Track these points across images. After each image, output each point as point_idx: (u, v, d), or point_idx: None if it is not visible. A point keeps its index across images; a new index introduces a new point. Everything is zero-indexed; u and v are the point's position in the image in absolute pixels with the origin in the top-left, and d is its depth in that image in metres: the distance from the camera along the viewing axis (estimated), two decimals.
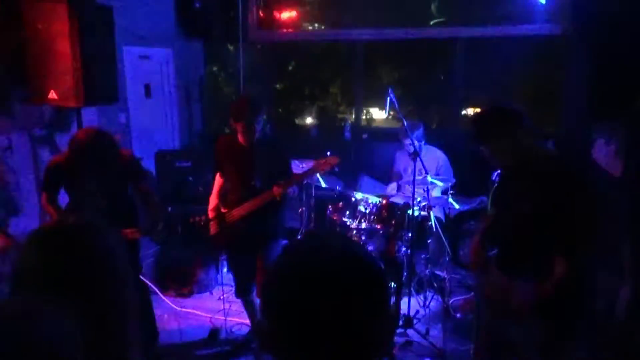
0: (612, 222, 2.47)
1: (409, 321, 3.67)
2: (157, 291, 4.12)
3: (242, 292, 3.39)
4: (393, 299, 3.22)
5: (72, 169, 2.76)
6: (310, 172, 3.27)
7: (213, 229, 3.29)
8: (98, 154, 2.67)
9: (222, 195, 3.31)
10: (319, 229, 4.42)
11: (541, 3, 4.99)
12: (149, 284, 4.11)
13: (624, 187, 3.44)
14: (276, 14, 5.80)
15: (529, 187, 2.01)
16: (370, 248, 3.83)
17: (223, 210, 3.23)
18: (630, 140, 3.73)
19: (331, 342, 0.72)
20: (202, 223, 3.16)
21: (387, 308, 0.79)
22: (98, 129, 2.78)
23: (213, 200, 3.29)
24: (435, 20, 5.32)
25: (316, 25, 5.87)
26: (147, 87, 4.99)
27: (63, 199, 3.02)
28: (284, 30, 5.77)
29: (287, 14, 5.82)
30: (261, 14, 5.66)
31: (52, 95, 3.31)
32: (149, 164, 4.60)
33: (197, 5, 5.06)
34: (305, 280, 0.74)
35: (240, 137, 3.05)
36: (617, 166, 3.87)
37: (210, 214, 3.28)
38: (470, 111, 6.23)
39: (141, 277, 3.39)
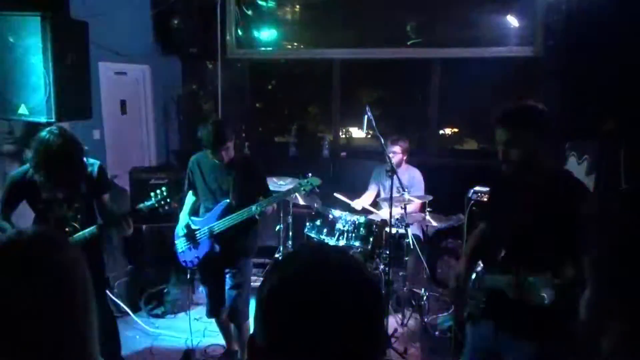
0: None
1: (387, 340, 3.63)
2: (129, 312, 4.00)
3: (214, 312, 3.33)
4: None
5: (39, 172, 2.59)
6: (291, 192, 3.25)
7: (181, 246, 3.23)
8: (66, 151, 2.56)
9: (194, 212, 3.27)
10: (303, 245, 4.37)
11: (514, 26, 5.14)
12: (121, 304, 3.99)
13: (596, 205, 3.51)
14: (255, 33, 5.84)
15: (538, 196, 1.97)
16: None
17: (194, 227, 3.18)
18: (601, 160, 3.82)
19: (328, 357, 0.70)
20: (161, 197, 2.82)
21: (383, 323, 0.79)
22: (61, 127, 2.69)
23: (184, 218, 3.23)
24: (411, 41, 5.41)
25: (295, 44, 5.92)
26: (122, 104, 4.93)
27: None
28: (263, 49, 5.80)
29: (266, 33, 5.87)
30: (240, 33, 5.69)
31: (23, 110, 3.23)
32: (123, 181, 4.51)
33: (175, 22, 5.06)
34: (309, 295, 0.71)
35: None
36: (589, 184, 3.96)
37: (181, 232, 3.22)
38: (447, 131, 6.33)
39: (109, 293, 3.27)
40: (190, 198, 3.28)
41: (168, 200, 2.78)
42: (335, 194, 4.43)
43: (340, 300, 0.71)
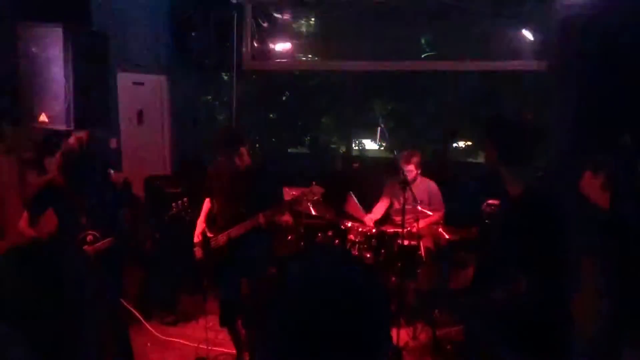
0: (594, 254, 2.47)
1: (398, 353, 3.60)
2: (141, 319, 4.02)
3: (226, 321, 3.35)
4: None
5: (61, 176, 2.65)
6: (294, 202, 3.29)
7: (199, 253, 3.27)
8: (88, 158, 2.62)
9: (209, 220, 3.30)
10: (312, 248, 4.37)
11: (528, 40, 5.14)
12: (133, 311, 4.01)
13: (611, 220, 3.47)
14: (270, 46, 5.91)
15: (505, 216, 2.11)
16: None
17: (209, 234, 3.22)
18: (617, 174, 3.78)
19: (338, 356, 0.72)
20: (182, 206, 3.01)
21: (387, 325, 0.82)
22: (90, 135, 2.75)
23: (200, 225, 3.27)
24: (425, 54, 5.44)
25: (310, 57, 5.99)
26: (139, 113, 5.02)
27: None
28: (278, 60, 5.87)
29: (281, 46, 5.94)
30: (256, 45, 5.77)
31: (43, 118, 3.31)
32: (139, 189, 4.57)
33: (193, 34, 5.16)
34: (322, 296, 0.74)
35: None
36: (605, 199, 3.90)
37: (196, 239, 3.27)
38: (461, 144, 6.31)
39: (123, 302, 3.30)
40: (207, 204, 3.32)
41: (189, 210, 2.89)
42: (350, 195, 4.43)
43: (343, 304, 0.73)
